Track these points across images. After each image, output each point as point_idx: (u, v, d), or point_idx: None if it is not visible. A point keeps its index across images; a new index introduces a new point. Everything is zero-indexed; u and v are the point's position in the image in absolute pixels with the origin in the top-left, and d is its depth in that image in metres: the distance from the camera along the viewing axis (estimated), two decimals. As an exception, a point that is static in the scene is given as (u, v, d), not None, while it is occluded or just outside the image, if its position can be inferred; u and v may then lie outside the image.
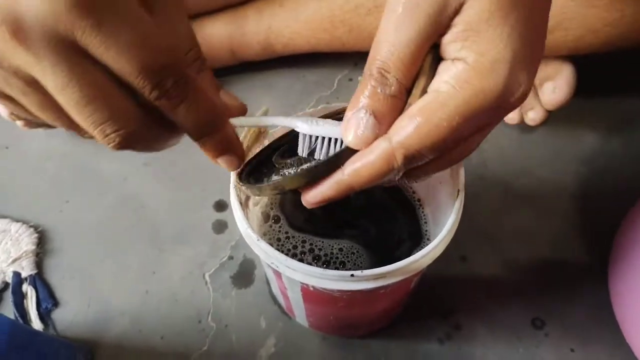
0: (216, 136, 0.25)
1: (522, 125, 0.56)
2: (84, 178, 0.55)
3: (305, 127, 0.27)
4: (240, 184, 0.28)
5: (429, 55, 0.24)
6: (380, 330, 0.44)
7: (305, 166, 0.26)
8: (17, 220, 0.51)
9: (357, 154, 0.24)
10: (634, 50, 0.47)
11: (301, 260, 0.35)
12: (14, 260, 0.48)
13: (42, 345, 0.38)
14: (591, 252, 0.48)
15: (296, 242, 0.41)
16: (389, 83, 0.23)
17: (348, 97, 0.25)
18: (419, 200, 0.41)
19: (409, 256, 0.29)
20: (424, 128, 0.22)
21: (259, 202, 0.41)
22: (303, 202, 0.26)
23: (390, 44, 0.23)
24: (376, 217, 0.41)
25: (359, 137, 0.23)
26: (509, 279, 0.47)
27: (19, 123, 0.52)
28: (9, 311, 0.46)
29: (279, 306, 0.46)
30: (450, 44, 0.23)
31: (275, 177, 0.28)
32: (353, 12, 0.52)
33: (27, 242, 0.50)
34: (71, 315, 0.46)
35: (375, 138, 0.23)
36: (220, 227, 0.51)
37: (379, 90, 0.23)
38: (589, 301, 0.45)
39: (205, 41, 0.57)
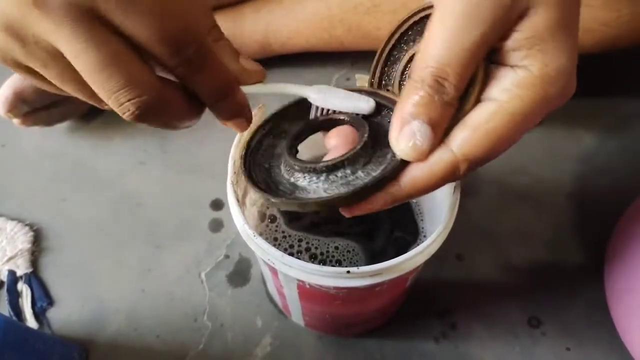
0: (228, 102, 0.24)
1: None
2: (80, 177, 0.55)
3: (318, 98, 0.27)
4: (272, 198, 0.25)
5: (483, 60, 0.22)
6: (376, 329, 0.44)
7: (358, 183, 0.24)
8: (13, 219, 0.51)
9: (416, 166, 0.23)
10: (630, 51, 0.47)
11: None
12: (9, 259, 0.48)
13: (36, 343, 0.38)
14: (587, 251, 0.48)
15: (292, 241, 0.41)
16: (446, 91, 0.22)
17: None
18: (415, 198, 0.41)
19: (405, 253, 0.29)
20: (491, 139, 0.22)
21: (256, 201, 0.41)
22: (345, 214, 0.25)
23: (449, 48, 0.21)
24: (372, 215, 0.41)
25: (416, 149, 0.22)
26: (505, 278, 0.47)
27: (16, 121, 0.52)
28: (4, 310, 0.46)
29: (275, 305, 0.46)
30: (513, 51, 0.22)
31: (308, 187, 0.26)
32: (352, 12, 0.52)
33: (22, 240, 0.50)
34: (66, 314, 0.46)
35: (432, 149, 0.22)
36: (217, 225, 0.51)
37: (435, 99, 0.22)
38: (585, 300, 0.46)
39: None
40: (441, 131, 0.22)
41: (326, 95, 0.27)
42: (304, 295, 0.35)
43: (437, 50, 0.21)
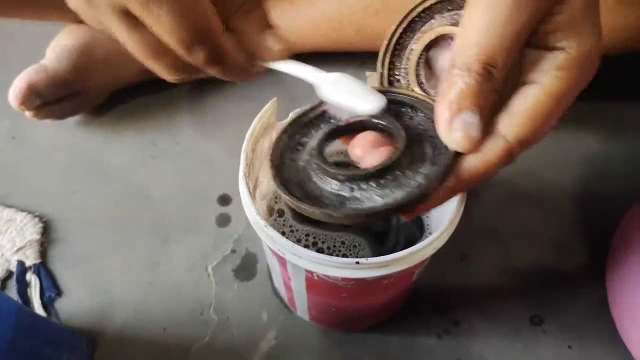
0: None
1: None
2: (90, 169, 0.55)
3: (326, 90, 0.26)
4: (334, 213, 0.23)
5: None
6: (380, 325, 0.45)
7: (412, 183, 0.23)
8: (23, 210, 0.52)
9: (472, 157, 0.23)
10: (637, 54, 0.48)
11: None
12: (19, 249, 0.49)
13: (47, 330, 0.38)
14: (589, 251, 0.49)
15: (300, 236, 0.41)
16: (495, 78, 0.22)
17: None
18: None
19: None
20: (539, 121, 0.22)
21: (266, 195, 0.42)
22: (405, 217, 0.25)
23: (498, 35, 0.21)
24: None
25: (471, 141, 0.22)
26: (508, 277, 0.48)
27: (28, 114, 0.52)
28: (13, 299, 0.46)
29: (281, 300, 0.46)
30: (551, 33, 0.22)
31: (359, 196, 0.24)
32: (362, 12, 0.53)
33: (31, 231, 0.50)
34: (74, 305, 0.47)
35: (483, 138, 0.22)
36: (224, 220, 0.51)
37: (484, 87, 0.22)
38: (586, 300, 0.46)
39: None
40: (487, 118, 0.22)
41: (336, 88, 0.26)
42: (312, 288, 0.35)
43: (484, 37, 0.21)
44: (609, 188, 0.53)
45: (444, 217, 0.32)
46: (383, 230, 0.41)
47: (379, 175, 0.24)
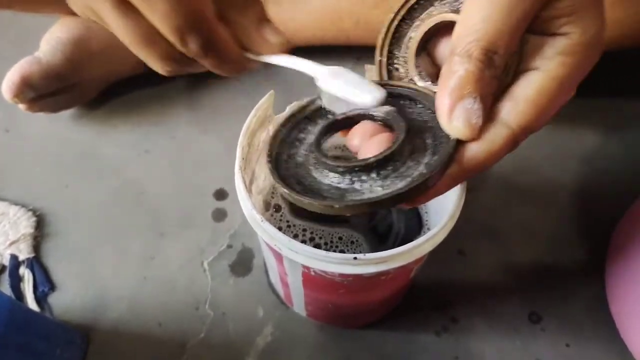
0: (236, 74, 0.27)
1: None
2: (84, 163, 0.55)
3: (325, 80, 0.26)
4: (336, 204, 0.23)
5: None
6: (378, 322, 0.44)
7: (413, 173, 0.23)
8: (16, 203, 0.51)
9: (476, 145, 0.22)
10: (637, 51, 0.47)
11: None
12: (12, 243, 0.48)
13: (40, 325, 0.38)
14: (588, 249, 0.49)
15: (297, 231, 0.41)
16: (496, 64, 0.21)
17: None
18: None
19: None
20: (544, 108, 0.22)
21: (262, 190, 0.41)
22: (406, 206, 0.24)
23: (499, 21, 0.21)
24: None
25: (473, 128, 0.22)
26: (507, 274, 0.47)
27: (22, 106, 0.52)
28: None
29: (277, 295, 0.46)
30: (554, 19, 0.22)
31: (360, 188, 0.24)
32: (360, 5, 0.52)
33: (25, 225, 0.50)
34: (68, 300, 0.46)
35: (484, 125, 0.22)
36: (220, 215, 0.51)
37: (486, 73, 0.21)
38: (585, 298, 0.46)
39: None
40: (489, 104, 0.22)
41: (334, 80, 0.26)
42: (308, 284, 0.35)
43: (485, 24, 0.21)
44: (608, 185, 0.53)
45: (443, 213, 0.32)
46: (381, 226, 0.41)
47: (379, 165, 0.23)
